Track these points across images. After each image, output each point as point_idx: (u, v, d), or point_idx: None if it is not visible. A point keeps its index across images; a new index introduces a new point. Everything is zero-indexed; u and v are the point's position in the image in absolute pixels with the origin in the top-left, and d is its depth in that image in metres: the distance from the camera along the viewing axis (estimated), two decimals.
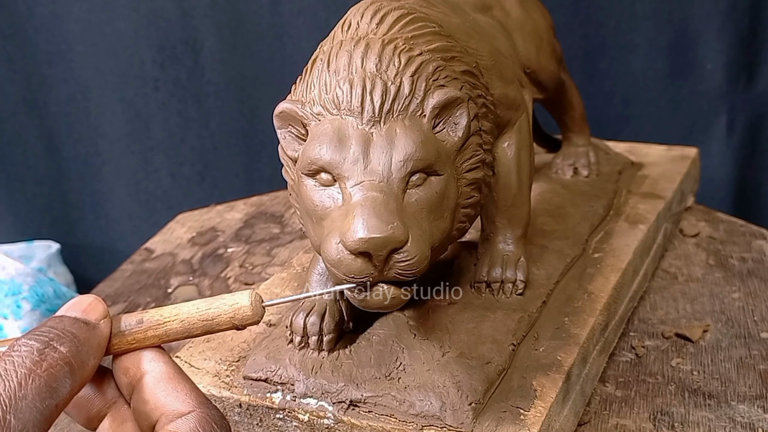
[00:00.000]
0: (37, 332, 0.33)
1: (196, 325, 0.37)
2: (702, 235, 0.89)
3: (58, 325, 0.34)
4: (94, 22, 1.29)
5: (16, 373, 0.31)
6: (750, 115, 1.26)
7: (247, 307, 0.36)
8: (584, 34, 1.23)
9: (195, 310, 0.37)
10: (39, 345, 0.32)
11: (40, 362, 0.32)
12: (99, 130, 1.37)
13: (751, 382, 0.64)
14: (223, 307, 0.37)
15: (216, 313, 0.36)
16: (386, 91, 0.47)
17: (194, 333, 0.37)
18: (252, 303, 0.37)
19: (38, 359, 0.32)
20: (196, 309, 0.37)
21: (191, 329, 0.37)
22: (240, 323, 0.37)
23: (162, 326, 0.37)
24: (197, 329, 0.37)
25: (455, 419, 0.49)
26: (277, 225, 0.99)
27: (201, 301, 0.37)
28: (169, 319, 0.37)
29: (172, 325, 0.37)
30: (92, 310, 0.36)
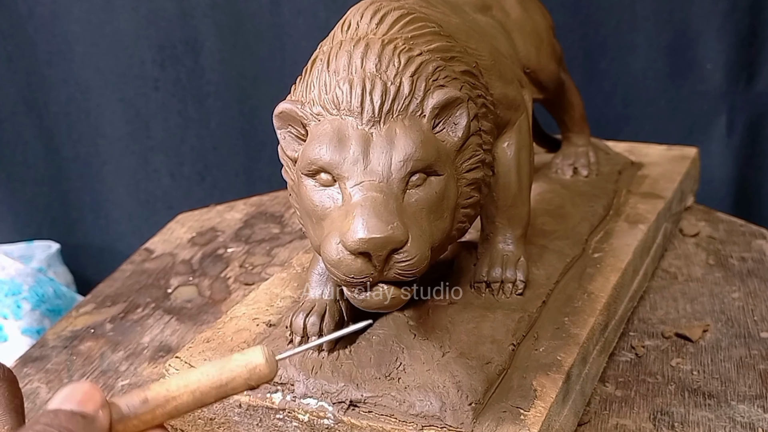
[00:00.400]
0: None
1: (208, 395, 0.34)
2: (702, 235, 0.89)
3: (54, 422, 0.32)
4: (94, 22, 1.29)
5: None
6: (750, 115, 1.26)
7: (263, 365, 0.34)
8: (584, 34, 1.23)
9: (206, 378, 0.34)
10: None
11: None
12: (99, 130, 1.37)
13: (751, 382, 0.64)
14: (237, 369, 0.34)
15: (229, 377, 0.34)
16: (386, 91, 0.47)
17: (208, 402, 0.34)
18: (267, 360, 0.34)
19: None
20: (207, 377, 0.34)
21: (204, 399, 0.34)
22: (256, 383, 0.34)
23: (171, 402, 0.34)
24: (210, 398, 0.34)
25: (455, 419, 0.49)
26: (277, 225, 0.99)
27: (210, 365, 0.34)
28: (177, 393, 0.34)
29: (182, 399, 0.34)
30: (88, 401, 0.33)
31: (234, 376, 0.34)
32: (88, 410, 0.33)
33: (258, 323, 0.62)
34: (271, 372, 0.34)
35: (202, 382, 0.34)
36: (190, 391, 0.34)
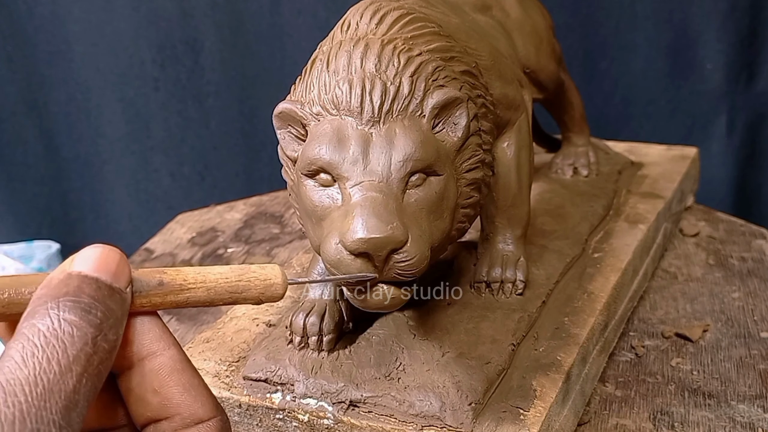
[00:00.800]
0: (83, 305, 0.27)
1: (221, 297, 0.33)
2: (702, 235, 0.89)
3: (99, 296, 0.28)
4: (94, 22, 1.29)
5: (72, 373, 0.25)
6: (750, 115, 1.26)
7: (279, 286, 0.33)
8: (584, 34, 1.23)
9: (224, 279, 0.33)
10: (93, 332, 0.26)
11: (93, 356, 0.26)
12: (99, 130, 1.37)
13: (751, 382, 0.64)
14: (255, 281, 0.33)
15: (246, 286, 0.33)
16: (385, 91, 0.47)
17: (216, 303, 0.33)
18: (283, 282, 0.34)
19: (91, 352, 0.26)
20: (225, 279, 0.33)
21: (216, 299, 0.33)
22: (267, 300, 0.34)
23: (184, 293, 0.32)
24: (222, 300, 0.33)
25: (455, 419, 0.49)
26: (277, 225, 0.99)
27: (227, 269, 0.33)
28: (194, 286, 0.32)
29: (197, 293, 0.32)
30: (122, 274, 0.30)
31: (250, 287, 0.33)
32: (122, 286, 0.29)
33: (258, 323, 0.62)
34: (282, 294, 0.34)
35: (219, 282, 0.33)
36: (206, 287, 0.32)
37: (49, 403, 0.24)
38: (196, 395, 0.31)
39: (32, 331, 0.26)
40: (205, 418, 0.31)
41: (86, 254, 0.29)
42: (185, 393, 0.31)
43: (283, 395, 0.53)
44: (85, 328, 0.26)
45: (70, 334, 0.26)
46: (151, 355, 0.31)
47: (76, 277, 0.28)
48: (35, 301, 0.27)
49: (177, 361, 0.31)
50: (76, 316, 0.26)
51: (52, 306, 0.26)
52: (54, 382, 0.25)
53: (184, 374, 0.31)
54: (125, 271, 0.30)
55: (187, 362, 0.31)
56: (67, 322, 0.26)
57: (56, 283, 0.27)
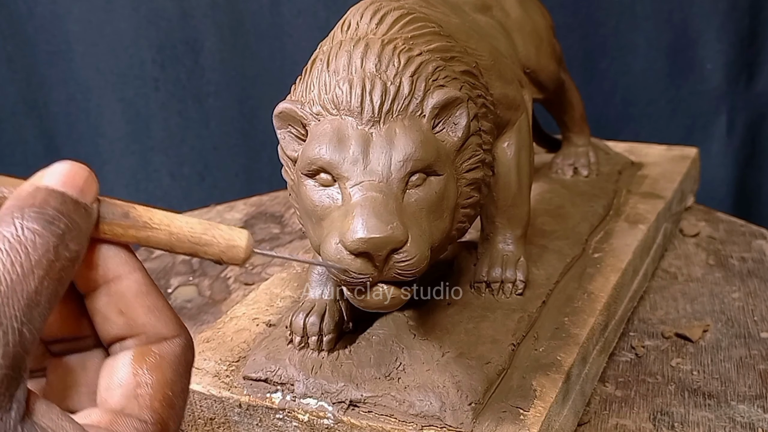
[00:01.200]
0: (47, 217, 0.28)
1: (183, 245, 0.33)
2: (702, 235, 0.89)
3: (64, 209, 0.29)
4: (94, 22, 1.29)
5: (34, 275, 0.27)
6: (750, 115, 1.26)
7: (240, 249, 0.34)
8: (584, 34, 1.23)
9: (188, 229, 0.33)
10: (54, 240, 0.28)
11: (54, 263, 0.28)
12: (99, 130, 1.37)
13: (751, 382, 0.64)
14: (219, 238, 0.33)
15: (208, 240, 0.33)
16: (386, 91, 0.47)
17: (176, 250, 0.33)
18: (246, 247, 0.34)
19: (53, 259, 0.28)
20: (189, 228, 0.33)
21: (176, 245, 0.33)
22: (227, 261, 0.34)
23: (147, 230, 0.33)
24: (182, 248, 0.33)
25: (455, 419, 0.49)
26: (277, 225, 0.99)
27: (196, 221, 0.34)
28: (157, 226, 0.33)
29: (158, 234, 0.33)
30: (89, 190, 0.31)
31: (213, 243, 0.34)
32: (88, 201, 0.31)
33: (258, 323, 0.62)
34: (244, 260, 0.34)
35: (183, 230, 0.33)
36: (169, 231, 0.33)
37: (11, 300, 0.26)
38: (160, 315, 0.32)
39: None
40: (168, 336, 0.32)
41: (55, 169, 0.31)
42: (149, 314, 0.32)
43: (283, 395, 0.53)
44: (47, 236, 0.28)
45: (32, 241, 0.28)
46: (117, 278, 0.32)
47: (44, 190, 0.29)
48: (4, 210, 0.29)
49: (142, 284, 0.32)
50: (39, 225, 0.28)
51: (17, 215, 0.28)
52: (16, 282, 0.27)
53: (149, 296, 0.32)
54: (92, 188, 0.31)
55: (152, 285, 0.33)
56: (30, 230, 0.28)
57: (24, 195, 0.29)
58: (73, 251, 0.29)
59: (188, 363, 0.33)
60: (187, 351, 0.33)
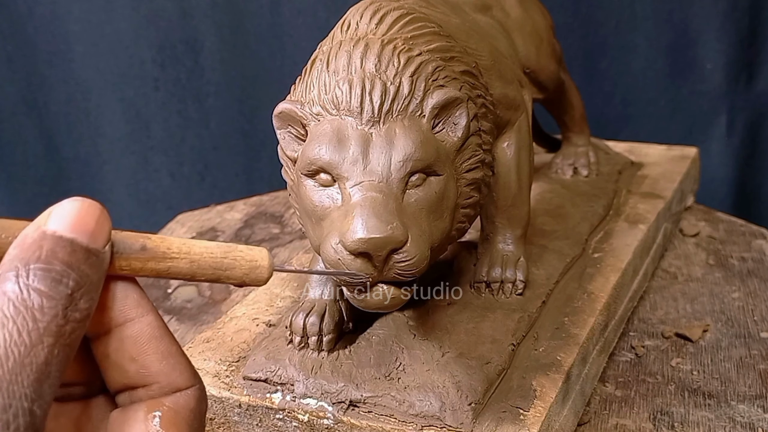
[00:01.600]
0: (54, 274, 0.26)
1: (204, 271, 0.31)
2: (702, 235, 0.89)
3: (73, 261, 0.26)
4: (94, 22, 1.29)
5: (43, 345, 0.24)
6: (750, 115, 1.26)
7: (264, 269, 0.32)
8: (584, 34, 1.23)
9: (209, 254, 0.31)
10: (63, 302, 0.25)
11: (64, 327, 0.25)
12: (99, 130, 1.37)
13: (751, 382, 0.64)
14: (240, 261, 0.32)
15: (231, 264, 0.32)
16: (385, 91, 0.47)
17: (198, 278, 0.31)
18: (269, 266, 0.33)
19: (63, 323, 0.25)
20: (210, 254, 0.31)
21: (197, 274, 0.31)
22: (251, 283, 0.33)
23: (166, 262, 0.30)
24: (204, 275, 0.31)
25: (455, 419, 0.49)
26: (277, 225, 0.99)
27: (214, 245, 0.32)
28: (177, 256, 0.31)
29: (179, 264, 0.31)
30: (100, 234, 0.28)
31: (235, 266, 0.32)
32: (100, 246, 0.27)
33: (258, 323, 0.62)
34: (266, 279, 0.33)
35: (203, 256, 0.31)
36: (190, 259, 0.31)
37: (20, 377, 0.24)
38: (175, 363, 0.30)
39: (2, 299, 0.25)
40: (183, 386, 0.30)
41: (63, 210, 0.28)
42: (164, 361, 0.30)
43: (283, 395, 0.53)
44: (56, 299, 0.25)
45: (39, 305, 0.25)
46: (129, 321, 0.30)
47: (50, 239, 0.26)
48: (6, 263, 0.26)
49: (155, 328, 0.30)
50: (45, 286, 0.25)
51: (21, 273, 0.25)
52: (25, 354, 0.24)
53: (163, 342, 0.30)
54: (104, 230, 0.28)
55: (165, 329, 0.31)
56: (36, 292, 0.25)
57: (29, 244, 0.26)
58: (84, 310, 0.26)
59: (202, 414, 0.31)
60: (201, 402, 0.31)
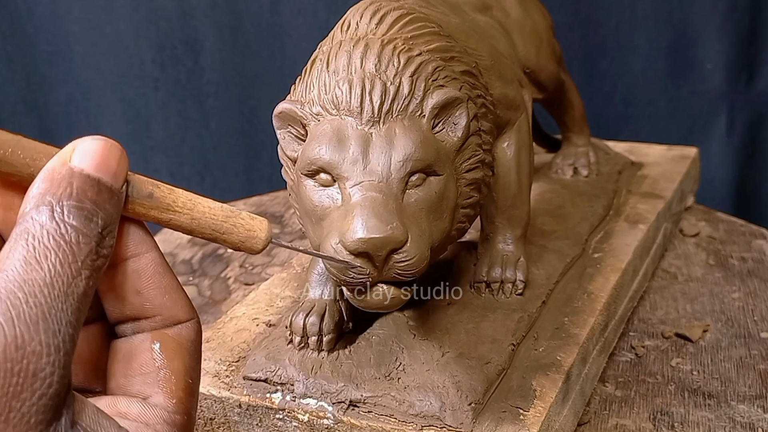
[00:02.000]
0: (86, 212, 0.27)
1: (203, 230, 0.33)
2: (702, 235, 0.89)
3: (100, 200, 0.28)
4: (94, 22, 1.29)
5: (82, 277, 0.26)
6: (750, 115, 1.26)
7: (259, 240, 0.34)
8: (584, 34, 1.23)
9: (211, 215, 0.33)
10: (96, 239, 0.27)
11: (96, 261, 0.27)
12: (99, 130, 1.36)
13: (751, 382, 0.64)
14: (239, 227, 0.33)
15: (229, 229, 0.33)
16: (385, 91, 0.47)
17: (196, 234, 0.33)
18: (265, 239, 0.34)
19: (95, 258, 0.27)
20: (212, 215, 0.33)
21: (196, 230, 0.33)
22: (246, 249, 0.34)
23: (170, 212, 0.32)
24: (202, 233, 0.33)
25: (455, 419, 0.49)
26: (277, 225, 0.99)
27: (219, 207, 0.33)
28: (180, 209, 0.32)
29: (180, 218, 0.32)
30: (120, 174, 0.29)
31: (233, 231, 0.33)
32: (119, 186, 0.29)
33: (258, 323, 0.62)
34: (261, 250, 0.34)
35: (205, 216, 0.33)
36: (191, 216, 0.32)
37: (65, 305, 0.25)
38: (176, 298, 0.32)
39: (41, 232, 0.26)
40: (183, 319, 0.32)
41: (87, 148, 0.29)
42: (166, 295, 0.31)
43: (283, 395, 0.53)
44: (89, 236, 0.27)
45: (77, 240, 0.26)
46: (134, 256, 0.31)
47: (79, 177, 0.28)
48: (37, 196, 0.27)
49: (158, 264, 0.32)
50: (80, 223, 0.27)
51: (56, 209, 0.27)
52: (68, 284, 0.26)
53: (165, 277, 0.32)
54: (124, 171, 0.30)
55: (167, 266, 0.32)
56: (73, 228, 0.27)
57: (59, 179, 0.27)
58: (109, 247, 0.28)
59: (200, 345, 0.33)
60: (199, 334, 0.33)
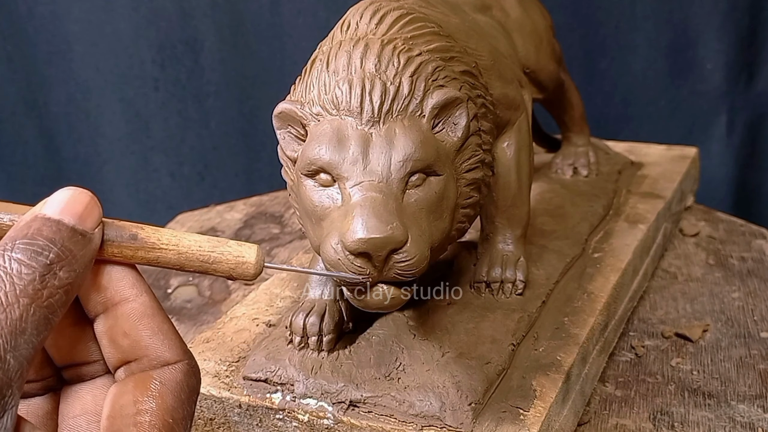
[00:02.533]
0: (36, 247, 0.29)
1: (192, 263, 0.34)
2: (702, 235, 0.89)
3: (57, 237, 0.30)
4: (94, 22, 1.29)
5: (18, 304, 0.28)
6: (750, 115, 1.26)
7: (251, 266, 0.34)
8: (584, 34, 1.23)
9: (197, 247, 0.34)
10: (41, 270, 0.29)
11: (41, 291, 0.28)
12: (99, 130, 1.37)
13: (751, 382, 0.64)
14: (227, 255, 0.34)
15: (218, 259, 0.34)
16: (385, 91, 0.47)
17: (187, 269, 0.34)
18: (256, 262, 0.34)
19: (40, 287, 0.28)
20: (198, 247, 0.34)
21: (185, 264, 0.34)
22: (238, 277, 0.35)
23: (156, 251, 0.33)
24: (191, 267, 0.34)
25: (455, 419, 0.49)
26: (277, 225, 0.99)
27: (205, 239, 0.34)
28: (166, 246, 0.33)
29: (167, 255, 0.33)
30: (89, 216, 0.31)
31: (222, 260, 0.34)
32: (88, 228, 0.31)
33: (258, 323, 0.62)
34: (255, 275, 0.35)
35: (191, 250, 0.34)
36: (178, 251, 0.34)
37: None
38: (164, 339, 0.33)
39: None
40: (171, 361, 0.33)
41: (57, 197, 0.31)
42: (153, 336, 0.33)
43: (283, 395, 0.53)
44: (33, 267, 0.29)
45: (18, 271, 0.28)
46: (124, 301, 0.33)
47: (39, 220, 0.30)
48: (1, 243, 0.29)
49: (148, 307, 0.33)
50: (24, 256, 0.29)
51: (8, 247, 0.29)
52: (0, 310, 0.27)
53: (155, 319, 0.33)
54: (93, 214, 0.31)
55: (159, 308, 0.33)
56: (16, 261, 0.28)
57: (22, 226, 0.30)
58: (63, 279, 0.29)
59: (191, 389, 0.33)
60: (190, 377, 0.33)
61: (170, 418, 0.32)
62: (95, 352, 0.34)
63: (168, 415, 0.32)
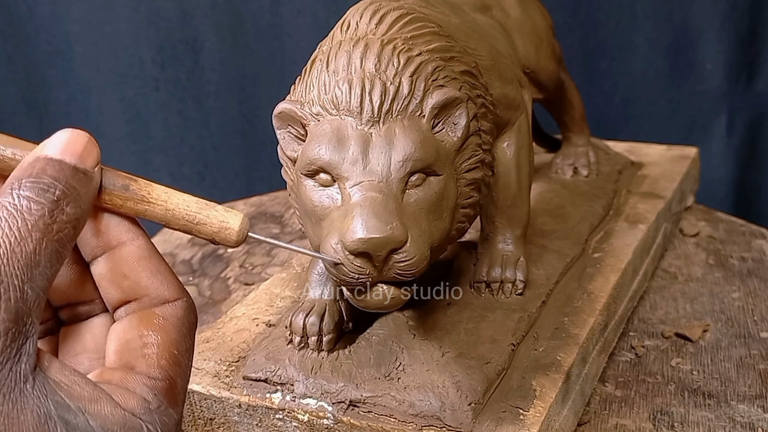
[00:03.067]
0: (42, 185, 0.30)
1: (177, 221, 0.35)
2: (702, 235, 0.89)
3: (61, 176, 0.31)
4: (94, 22, 1.29)
5: (31, 238, 0.29)
6: (750, 115, 1.26)
7: (233, 231, 0.35)
8: (584, 34, 1.23)
9: (184, 207, 0.35)
10: (49, 206, 0.30)
11: (51, 225, 0.30)
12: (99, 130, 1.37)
13: (751, 382, 0.64)
14: (212, 219, 0.35)
15: (202, 220, 0.35)
16: (385, 91, 0.47)
17: (171, 226, 0.35)
18: (239, 230, 0.35)
19: (50, 222, 0.30)
20: (185, 207, 0.35)
21: (171, 221, 0.35)
22: (220, 242, 0.35)
23: (144, 204, 0.34)
24: (176, 224, 0.35)
25: (455, 419, 0.49)
26: (277, 225, 0.99)
27: (194, 200, 0.35)
28: (155, 201, 0.35)
29: (155, 209, 0.35)
30: (88, 156, 0.32)
31: (206, 223, 0.35)
32: (88, 166, 0.32)
33: (258, 323, 0.62)
34: (237, 242, 0.36)
35: (179, 209, 0.35)
36: (166, 208, 0.35)
37: (11, 260, 0.28)
38: (163, 279, 0.35)
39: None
40: (170, 299, 0.35)
41: (56, 138, 0.33)
42: (152, 277, 0.34)
43: (283, 395, 0.53)
44: (42, 202, 0.30)
45: (28, 207, 0.30)
46: (121, 244, 0.34)
47: (42, 160, 0.31)
48: (7, 183, 0.31)
49: (145, 250, 0.35)
50: (33, 193, 0.30)
51: (14, 186, 0.30)
52: (15, 244, 0.29)
53: (152, 260, 0.35)
54: (92, 153, 0.33)
55: (155, 251, 0.35)
56: (25, 198, 0.30)
57: (25, 166, 0.31)
58: (71, 214, 0.31)
59: (191, 324, 0.35)
60: (189, 312, 0.35)
61: (175, 350, 0.34)
62: (92, 292, 0.36)
63: (173, 347, 0.34)
